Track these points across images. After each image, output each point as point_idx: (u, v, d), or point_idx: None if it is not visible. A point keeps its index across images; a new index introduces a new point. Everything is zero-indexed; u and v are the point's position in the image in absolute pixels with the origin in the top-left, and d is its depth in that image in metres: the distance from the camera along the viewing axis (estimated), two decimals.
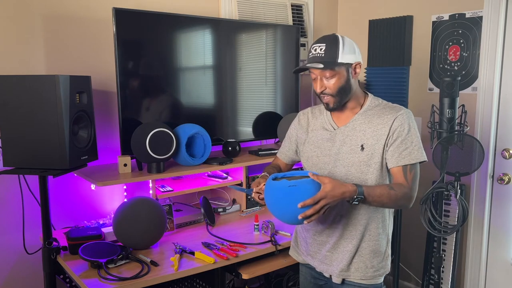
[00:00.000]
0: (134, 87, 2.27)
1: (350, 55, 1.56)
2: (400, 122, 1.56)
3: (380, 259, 1.66)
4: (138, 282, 1.68)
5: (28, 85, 1.73)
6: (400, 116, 1.57)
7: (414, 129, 1.58)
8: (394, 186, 1.53)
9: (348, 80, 1.58)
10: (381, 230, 1.65)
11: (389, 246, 1.71)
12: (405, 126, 1.56)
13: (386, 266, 1.69)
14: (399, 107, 1.61)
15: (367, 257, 1.64)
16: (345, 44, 1.56)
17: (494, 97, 2.62)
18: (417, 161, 1.57)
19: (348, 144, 1.61)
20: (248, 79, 2.72)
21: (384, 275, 1.69)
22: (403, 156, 1.55)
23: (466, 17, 2.70)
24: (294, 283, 2.72)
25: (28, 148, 1.76)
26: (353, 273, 1.64)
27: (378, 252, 1.65)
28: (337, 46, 1.55)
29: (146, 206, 1.98)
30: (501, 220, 2.69)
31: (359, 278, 1.64)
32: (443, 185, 2.38)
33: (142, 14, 2.25)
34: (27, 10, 2.11)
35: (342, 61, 1.54)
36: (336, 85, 1.56)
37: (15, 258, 2.17)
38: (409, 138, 1.56)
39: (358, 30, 3.33)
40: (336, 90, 1.57)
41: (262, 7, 2.96)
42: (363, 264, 1.64)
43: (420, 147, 1.58)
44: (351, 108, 1.64)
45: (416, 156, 1.56)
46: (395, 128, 1.56)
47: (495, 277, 2.74)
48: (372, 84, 3.24)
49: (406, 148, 1.55)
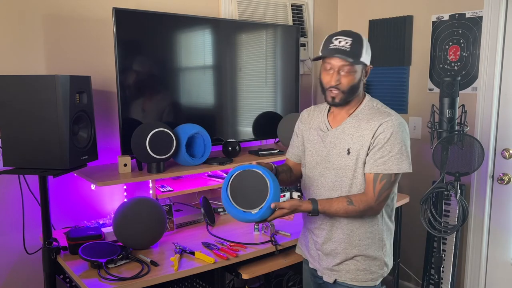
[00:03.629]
0: (134, 87, 2.27)
1: (368, 57, 1.60)
2: (383, 129, 1.54)
3: (372, 264, 1.65)
4: (138, 282, 1.68)
5: (28, 85, 1.73)
6: (386, 123, 1.54)
7: (396, 138, 1.52)
8: (354, 200, 1.54)
9: (360, 80, 1.60)
10: (370, 235, 1.63)
11: (386, 252, 1.68)
12: (387, 134, 1.53)
13: (379, 271, 1.66)
14: (389, 113, 1.58)
15: (358, 260, 1.64)
16: (367, 44, 1.59)
17: (494, 97, 2.62)
18: (390, 172, 1.53)
19: (338, 147, 1.62)
20: (248, 79, 2.72)
21: (378, 280, 1.67)
22: (377, 164, 1.54)
23: (466, 17, 2.70)
24: (294, 283, 2.72)
25: (28, 148, 1.76)
26: (344, 274, 1.65)
27: (370, 256, 1.64)
28: (362, 44, 1.57)
29: (146, 206, 1.98)
30: (501, 220, 2.69)
31: (350, 279, 1.65)
32: (443, 185, 2.38)
33: (142, 14, 2.25)
34: (27, 10, 2.11)
35: (363, 60, 1.56)
36: (350, 82, 1.56)
37: (15, 258, 2.17)
38: (387, 147, 1.53)
39: (358, 30, 3.28)
40: (348, 87, 1.57)
41: (262, 7, 2.96)
42: (354, 266, 1.64)
43: (399, 158, 1.53)
44: (348, 109, 1.64)
45: (390, 167, 1.53)
46: (377, 135, 1.54)
47: (495, 277, 2.74)
48: (372, 84, 3.24)
49: (382, 156, 1.53)
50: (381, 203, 1.56)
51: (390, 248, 1.71)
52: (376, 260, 1.65)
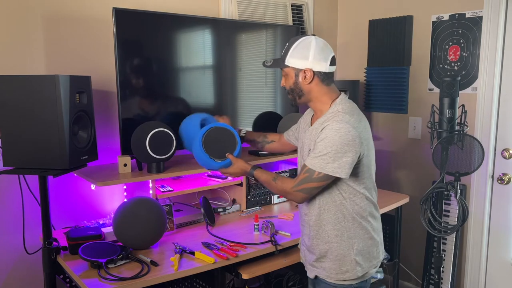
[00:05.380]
0: (134, 87, 2.27)
1: (299, 60, 1.65)
2: (323, 131, 1.59)
3: (343, 263, 1.67)
4: (138, 282, 1.68)
5: (28, 85, 1.73)
6: (327, 126, 1.58)
7: (329, 142, 1.54)
8: (278, 179, 1.71)
9: (297, 83, 1.68)
10: (338, 232, 1.67)
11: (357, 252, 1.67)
12: (323, 136, 1.57)
13: (351, 271, 1.67)
14: (338, 120, 1.58)
15: (330, 257, 1.69)
16: (297, 48, 1.65)
17: (494, 97, 2.62)
18: (313, 169, 1.57)
19: (306, 146, 1.73)
20: (248, 79, 2.72)
21: (352, 280, 1.68)
22: (309, 158, 1.61)
23: (466, 17, 2.70)
24: (294, 283, 2.72)
25: (28, 148, 1.76)
26: (321, 271, 1.73)
27: (340, 255, 1.67)
28: (289, 48, 1.67)
29: (146, 206, 1.98)
30: (501, 220, 2.69)
31: (326, 276, 1.72)
32: (443, 185, 2.38)
33: (142, 14, 2.25)
34: (27, 10, 2.11)
35: (287, 64, 1.67)
36: (288, 85, 1.72)
37: (15, 258, 2.17)
38: (319, 147, 1.57)
39: (358, 30, 3.33)
40: (288, 89, 1.72)
41: (262, 7, 2.96)
42: (327, 264, 1.70)
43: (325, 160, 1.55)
44: (319, 112, 1.71)
45: (315, 164, 1.57)
46: (318, 136, 1.60)
47: (495, 277, 2.74)
48: (372, 84, 3.24)
49: (314, 153, 1.59)
50: (298, 192, 1.63)
51: (367, 248, 1.70)
52: (346, 259, 1.67)
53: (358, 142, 1.56)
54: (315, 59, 1.64)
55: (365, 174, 1.66)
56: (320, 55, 1.64)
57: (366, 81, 3.28)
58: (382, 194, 2.76)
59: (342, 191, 1.65)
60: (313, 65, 1.64)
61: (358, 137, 1.55)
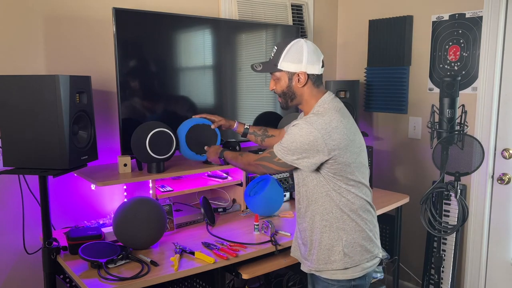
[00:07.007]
0: (134, 87, 2.27)
1: (293, 64, 1.66)
2: (293, 126, 1.64)
3: (331, 253, 1.69)
4: (138, 282, 1.68)
5: (28, 85, 1.73)
6: (297, 124, 1.63)
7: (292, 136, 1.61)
8: (245, 154, 1.88)
9: (290, 87, 1.69)
10: (326, 223, 1.69)
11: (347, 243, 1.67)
12: (289, 131, 1.64)
13: (338, 261, 1.67)
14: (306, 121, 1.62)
15: (320, 247, 1.71)
16: (290, 52, 1.66)
17: (494, 97, 2.62)
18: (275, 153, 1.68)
19: None
20: (248, 79, 2.72)
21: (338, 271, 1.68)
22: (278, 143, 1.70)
23: (466, 17, 2.70)
24: (294, 283, 2.72)
25: (28, 148, 1.76)
26: (311, 263, 1.74)
27: (328, 245, 1.69)
28: (281, 52, 1.67)
29: (146, 206, 1.98)
30: (501, 220, 2.69)
31: (314, 269, 1.74)
32: (443, 185, 2.38)
33: (142, 14, 2.25)
34: (27, 10, 2.11)
35: (281, 68, 1.67)
36: (278, 89, 1.73)
37: (15, 258, 2.17)
38: (284, 138, 1.66)
39: (358, 30, 3.33)
40: (280, 92, 1.74)
41: (262, 7, 2.96)
42: (316, 257, 1.72)
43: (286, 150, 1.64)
44: (307, 112, 1.73)
45: (278, 151, 1.67)
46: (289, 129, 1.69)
47: (495, 277, 2.74)
48: (372, 84, 3.24)
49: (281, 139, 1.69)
50: (258, 166, 1.77)
51: (358, 240, 1.70)
52: (334, 249, 1.68)
53: (321, 144, 1.58)
54: (309, 62, 1.65)
55: (347, 172, 1.65)
56: (313, 58, 1.66)
57: (366, 81, 3.28)
58: (382, 194, 2.77)
59: (328, 183, 1.66)
60: (306, 68, 1.66)
61: (321, 139, 1.57)
